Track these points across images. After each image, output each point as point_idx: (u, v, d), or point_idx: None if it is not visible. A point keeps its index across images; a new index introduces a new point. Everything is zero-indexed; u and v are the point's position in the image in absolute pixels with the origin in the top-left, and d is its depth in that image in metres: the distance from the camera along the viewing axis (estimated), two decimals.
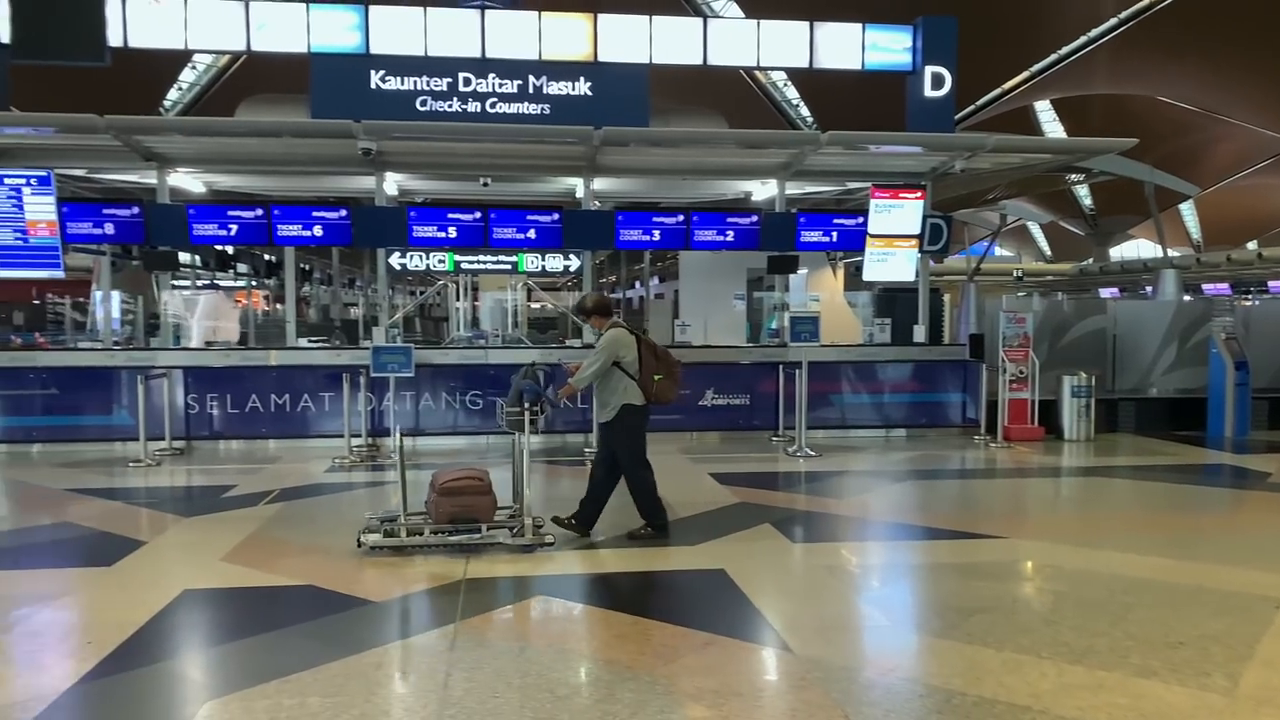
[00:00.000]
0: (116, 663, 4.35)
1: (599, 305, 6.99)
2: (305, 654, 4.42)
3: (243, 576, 5.74)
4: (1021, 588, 5.95)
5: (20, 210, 10.25)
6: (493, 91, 11.21)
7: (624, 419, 6.60)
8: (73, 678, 4.13)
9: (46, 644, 4.72)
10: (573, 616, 5.19)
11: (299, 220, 10.88)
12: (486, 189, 13.41)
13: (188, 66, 30.20)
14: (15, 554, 6.51)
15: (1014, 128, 29.85)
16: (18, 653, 4.56)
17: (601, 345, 6.61)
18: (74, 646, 4.60)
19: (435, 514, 6.23)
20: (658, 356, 6.69)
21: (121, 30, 10.50)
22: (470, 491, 6.28)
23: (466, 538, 6.23)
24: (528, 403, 6.40)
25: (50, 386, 10.73)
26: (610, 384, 6.59)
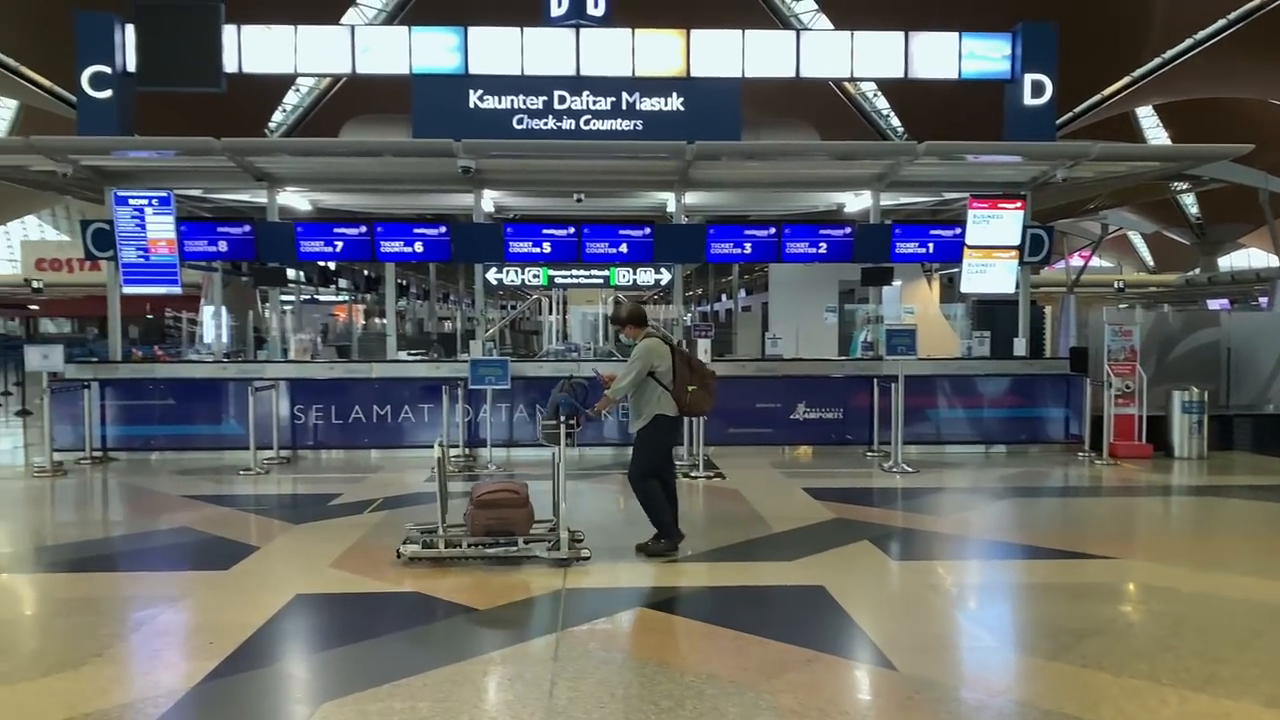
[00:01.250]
0: (237, 663, 4.53)
1: (634, 315, 6.91)
2: (414, 659, 4.54)
3: (351, 582, 5.92)
4: (1136, 610, 5.75)
5: (143, 229, 10.80)
6: (587, 108, 11.38)
7: (654, 428, 6.58)
8: (197, 676, 4.32)
9: (172, 643, 4.95)
10: (672, 629, 5.20)
11: (401, 237, 11.20)
12: (580, 204, 13.59)
13: (291, 89, 31.37)
14: (140, 557, 6.85)
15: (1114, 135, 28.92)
16: (146, 651, 4.79)
17: (636, 355, 6.58)
18: (197, 646, 4.80)
19: (472, 526, 6.31)
20: (692, 368, 6.64)
21: (236, 57, 11.02)
22: (506, 504, 6.33)
23: (503, 550, 6.26)
24: (563, 416, 6.40)
25: (167, 397, 11.23)
26: (645, 393, 6.57)
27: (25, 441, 13.35)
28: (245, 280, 14.71)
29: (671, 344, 6.72)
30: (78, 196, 13.33)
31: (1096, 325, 11.92)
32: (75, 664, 4.49)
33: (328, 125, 29.38)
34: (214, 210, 13.71)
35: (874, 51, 11.80)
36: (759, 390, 11.61)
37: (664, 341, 6.69)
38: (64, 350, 10.87)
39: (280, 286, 13.47)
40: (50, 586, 6.03)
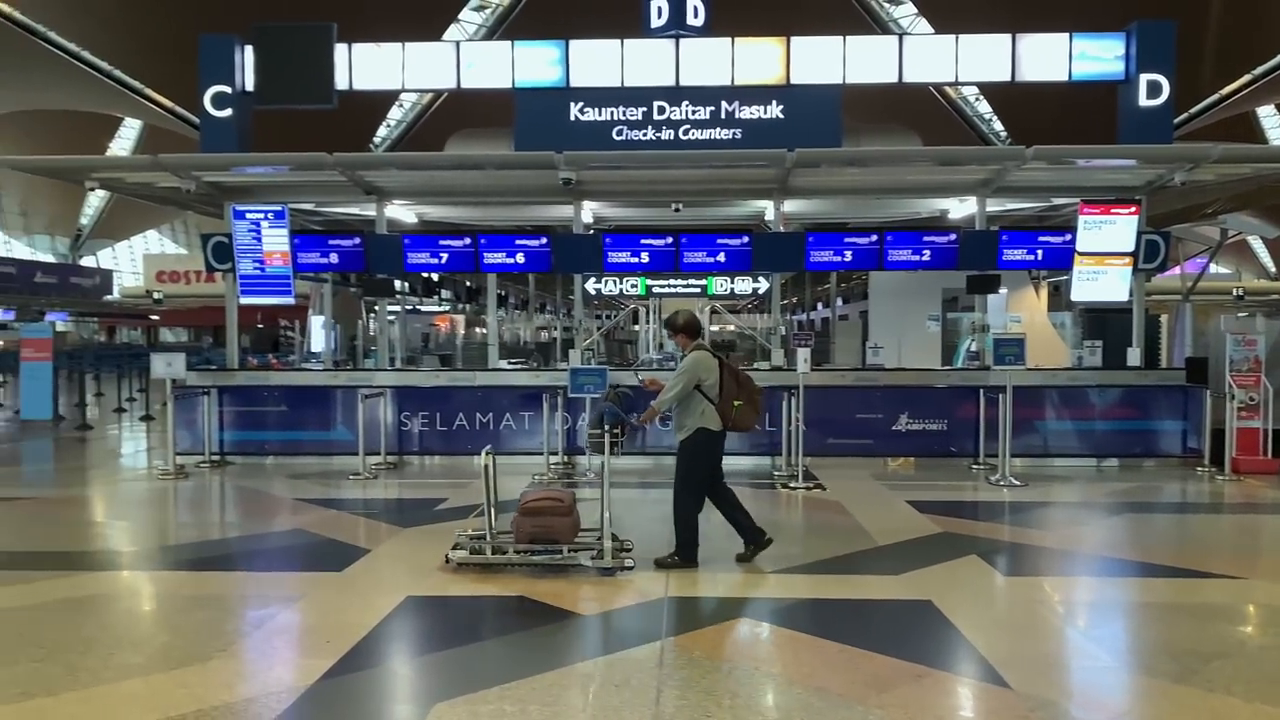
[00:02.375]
0: (352, 661, 4.67)
1: (689, 324, 6.79)
2: (523, 663, 4.61)
3: (459, 585, 6.04)
4: (1266, 633, 5.45)
5: (259, 242, 11.27)
6: (686, 119, 11.43)
7: (696, 442, 6.51)
8: (315, 674, 4.47)
9: (290, 641, 5.13)
10: (777, 641, 5.16)
11: (503, 248, 11.42)
12: (677, 214, 13.63)
13: (395, 105, 32.32)
14: (257, 557, 7.13)
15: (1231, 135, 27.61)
16: (267, 648, 4.98)
17: (684, 367, 6.54)
18: (315, 645, 4.97)
19: (517, 533, 6.36)
20: (739, 382, 6.55)
21: (347, 74, 11.43)
22: (550, 512, 6.35)
23: (548, 558, 6.29)
24: (608, 425, 6.36)
25: (280, 403, 11.67)
26: (689, 406, 6.50)
27: (148, 445, 14.04)
28: (354, 291, 15.19)
29: (720, 358, 6.66)
30: (199, 211, 13.98)
31: (1217, 334, 11.37)
32: (202, 658, 4.70)
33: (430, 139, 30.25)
34: (324, 223, 14.21)
35: (979, 54, 11.54)
36: (859, 400, 11.43)
37: (713, 355, 6.63)
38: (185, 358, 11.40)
39: (388, 297, 13.86)
40: (176, 584, 6.32)
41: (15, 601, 5.69)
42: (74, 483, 10.79)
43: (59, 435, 14.91)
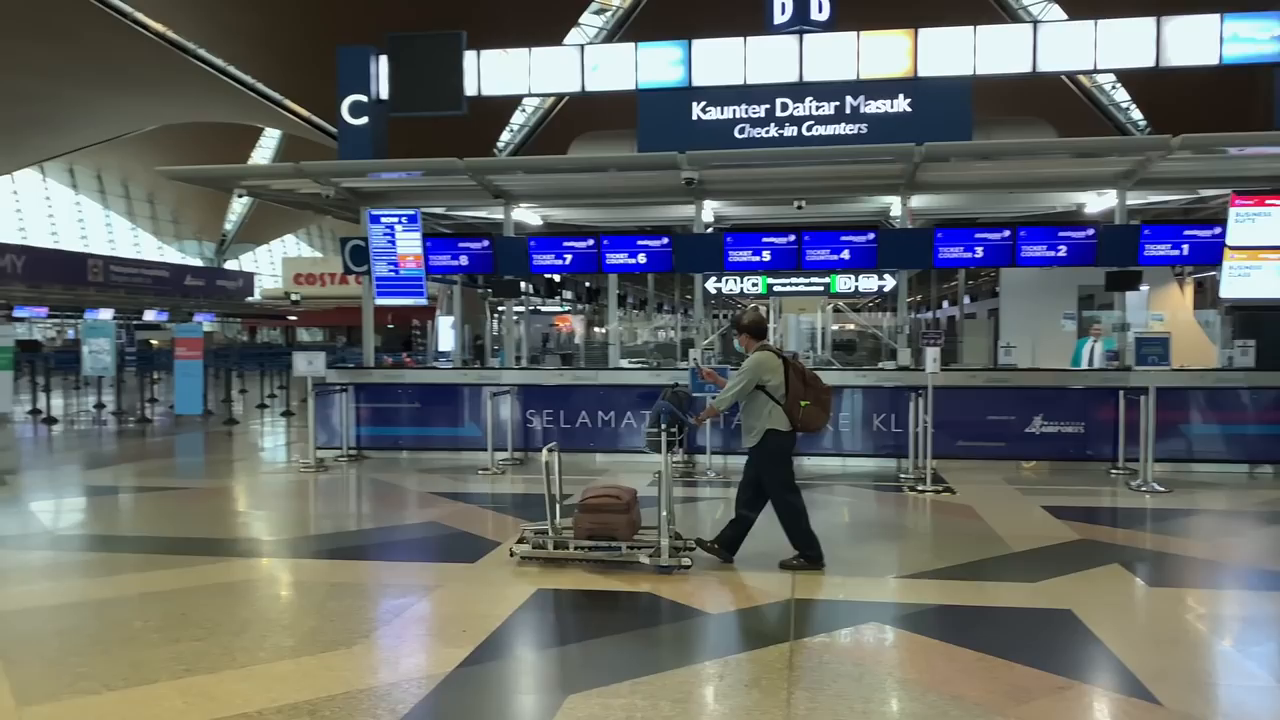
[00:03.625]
0: (487, 650, 4.81)
1: (754, 324, 6.72)
2: (653, 659, 4.66)
3: (586, 580, 6.13)
4: None
5: (393, 245, 11.70)
6: (809, 114, 11.30)
7: (768, 444, 6.39)
8: (453, 661, 4.61)
9: (429, 629, 5.32)
10: (910, 647, 5.05)
11: (625, 249, 11.52)
12: (800, 211, 13.48)
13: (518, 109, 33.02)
14: (395, 548, 7.41)
15: None
16: (407, 635, 5.18)
17: (745, 368, 6.44)
18: (451, 634, 5.13)
19: (576, 529, 6.42)
20: (806, 382, 6.41)
21: (476, 81, 11.75)
22: (608, 509, 6.38)
23: (607, 554, 6.31)
24: (664, 424, 6.33)
25: (413, 401, 12.08)
26: (755, 408, 6.40)
27: (288, 440, 14.76)
28: (481, 292, 15.59)
29: (785, 358, 6.55)
30: (337, 216, 14.61)
31: None
32: (347, 643, 4.92)
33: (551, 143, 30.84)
34: (453, 227, 14.65)
35: (1120, 40, 11.02)
36: (990, 401, 11.07)
37: (777, 355, 6.53)
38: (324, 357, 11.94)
39: (515, 297, 14.19)
40: (320, 572, 6.62)
41: (176, 584, 6.07)
42: (222, 474, 11.44)
43: (208, 429, 15.83)
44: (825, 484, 10.02)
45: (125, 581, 6.18)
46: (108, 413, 17.62)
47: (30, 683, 4.29)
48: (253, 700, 4.07)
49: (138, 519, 8.93)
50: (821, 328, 18.81)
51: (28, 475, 11.17)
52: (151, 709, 3.99)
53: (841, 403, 11.12)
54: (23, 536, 7.81)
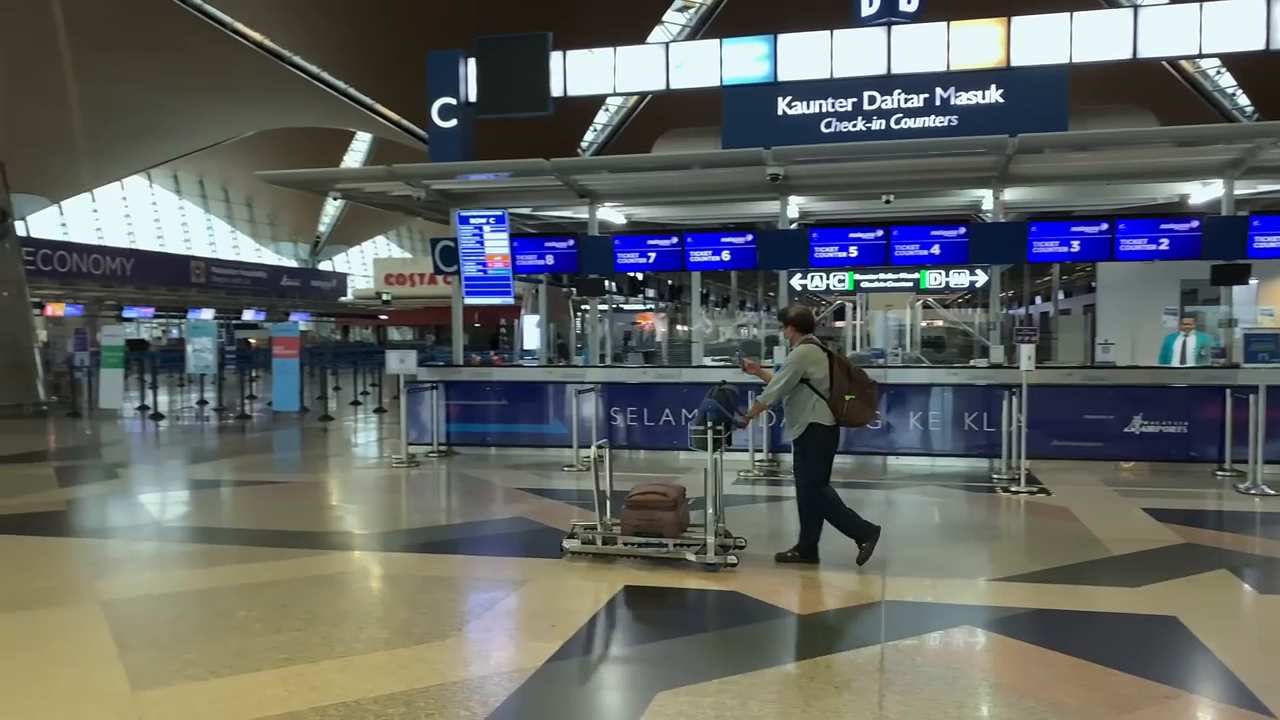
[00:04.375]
0: (576, 645, 4.86)
1: (800, 317, 6.69)
2: (741, 658, 4.64)
3: (673, 577, 6.12)
4: None
5: (481, 246, 11.89)
6: (898, 107, 11.11)
7: (811, 437, 6.35)
8: (543, 656, 4.66)
9: (519, 623, 5.39)
10: (1004, 651, 4.92)
11: (709, 246, 11.50)
12: (888, 206, 13.26)
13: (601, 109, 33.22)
14: (484, 542, 7.55)
15: None
16: (497, 629, 5.27)
17: (789, 361, 6.42)
18: (540, 628, 5.19)
19: (623, 525, 6.46)
20: (851, 376, 6.35)
21: (562, 81, 11.87)
22: (654, 506, 6.40)
23: (654, 550, 6.32)
24: (710, 421, 6.28)
25: (500, 398, 12.26)
26: (799, 401, 6.36)
27: (380, 436, 15.14)
28: (566, 291, 15.74)
29: (830, 351, 6.47)
30: (427, 218, 14.91)
31: None
32: (440, 636, 5.02)
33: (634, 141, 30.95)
34: (539, 226, 14.82)
35: (1227, 22, 10.54)
36: (1087, 400, 10.71)
37: (822, 349, 6.45)
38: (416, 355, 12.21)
39: (599, 296, 14.28)
40: (412, 565, 6.77)
41: (276, 575, 6.29)
42: (318, 469, 11.81)
43: (305, 425, 16.33)
44: (915, 484, 9.85)
45: (228, 572, 6.42)
46: (210, 409, 18.33)
47: (143, 668, 4.49)
48: (350, 690, 4.18)
49: (238, 512, 9.27)
50: (910, 324, 18.43)
51: (137, 469, 11.70)
52: (255, 696, 4.13)
53: (930, 401, 10.91)
54: (133, 528, 8.19)
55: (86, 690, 4.26)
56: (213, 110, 36.94)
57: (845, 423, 6.38)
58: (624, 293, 18.85)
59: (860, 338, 19.39)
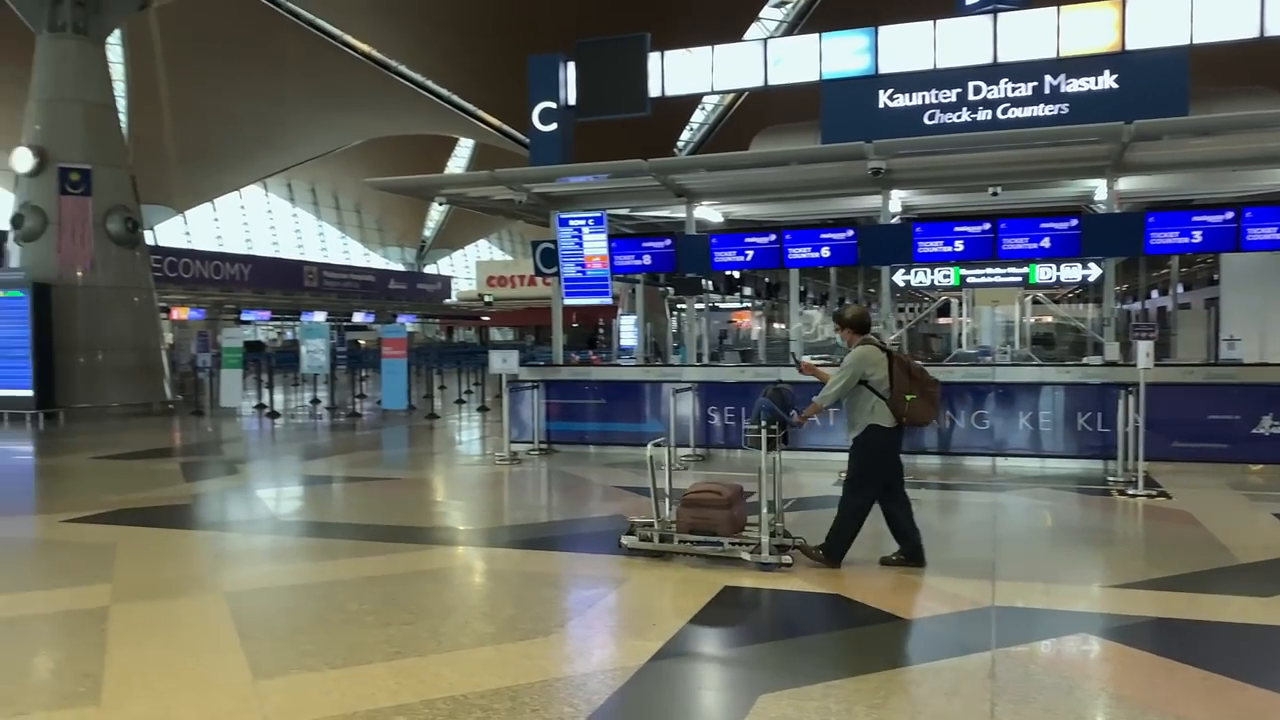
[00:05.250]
0: (678, 645, 4.85)
1: (857, 319, 6.55)
2: (846, 661, 4.58)
3: (775, 579, 6.07)
4: None
5: (580, 247, 12.02)
6: (1004, 97, 10.78)
7: (868, 440, 6.22)
8: (644, 655, 4.67)
9: (620, 622, 5.42)
10: (1123, 661, 4.71)
11: (808, 243, 11.36)
12: (995, 198, 12.89)
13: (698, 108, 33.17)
14: (585, 540, 7.62)
15: None
16: (600, 627, 5.30)
17: (846, 363, 6.30)
18: (641, 627, 5.21)
19: (678, 523, 6.50)
20: (911, 375, 6.20)
21: (659, 81, 11.90)
22: (708, 504, 6.42)
23: (710, 549, 6.35)
24: (764, 421, 6.22)
25: (599, 397, 12.36)
26: (858, 403, 6.25)
27: (483, 434, 15.44)
28: (662, 290, 15.78)
29: (889, 352, 6.31)
30: (528, 220, 15.15)
31: None
32: (544, 632, 5.09)
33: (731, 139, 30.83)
34: (635, 227, 14.89)
35: None
36: (1210, 400, 10.17)
37: (881, 349, 6.29)
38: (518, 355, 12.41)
39: (697, 295, 14.27)
40: (515, 561, 6.89)
41: (385, 570, 6.47)
42: (425, 466, 12.12)
43: (412, 424, 16.78)
44: (1025, 486, 9.53)
45: (340, 566, 6.64)
46: (322, 407, 19.00)
47: (263, 657, 4.67)
48: (458, 685, 4.27)
49: (349, 507, 9.58)
50: (1019, 320, 17.82)
51: (254, 465, 12.21)
52: (368, 688, 4.26)
53: (1040, 400, 10.55)
54: (250, 521, 8.55)
55: (211, 677, 4.46)
56: (324, 120, 38.37)
57: (908, 423, 6.27)
58: (720, 291, 18.75)
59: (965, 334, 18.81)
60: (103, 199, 18.21)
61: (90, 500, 9.13)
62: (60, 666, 4.68)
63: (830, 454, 11.00)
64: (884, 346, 6.43)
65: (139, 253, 19.67)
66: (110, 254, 18.47)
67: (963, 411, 10.93)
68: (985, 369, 11.93)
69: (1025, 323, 19.28)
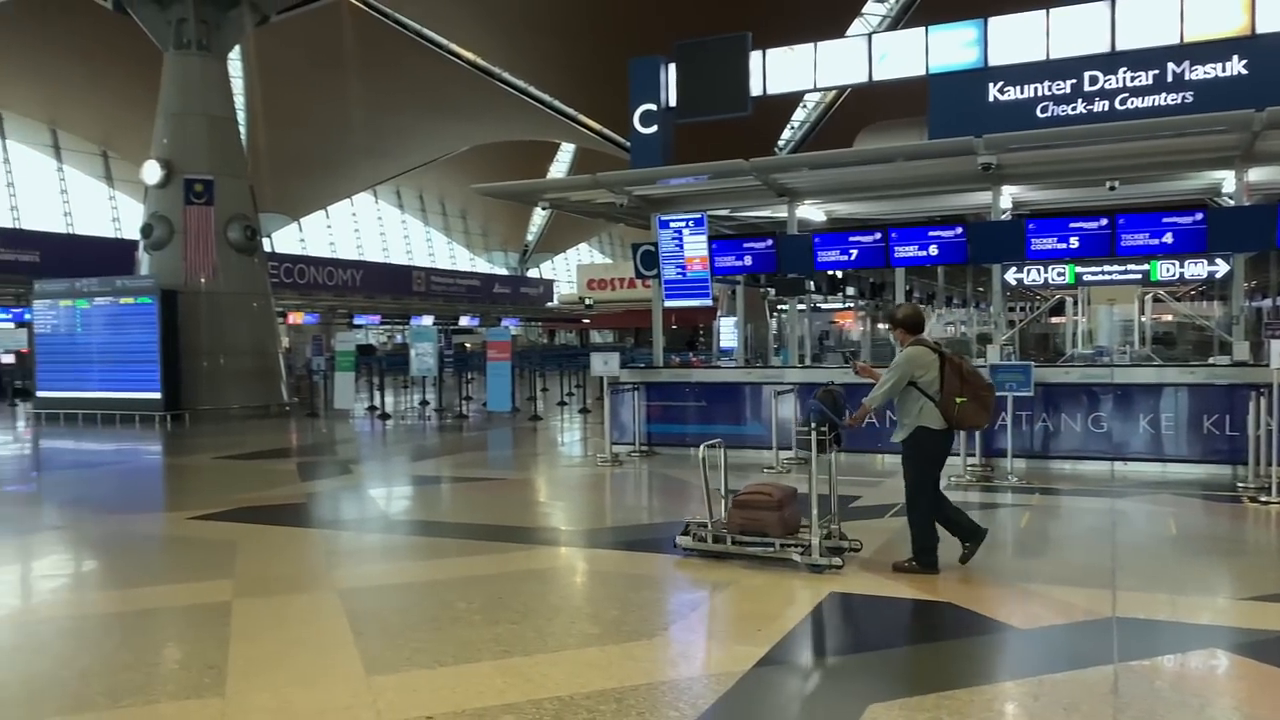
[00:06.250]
0: (783, 651, 4.79)
1: (910, 318, 6.44)
2: (959, 672, 4.45)
3: (879, 586, 5.95)
4: None
5: (680, 249, 12.01)
6: (1123, 87, 10.33)
7: (917, 442, 6.15)
8: (750, 660, 4.62)
9: (724, 626, 5.40)
10: (1260, 678, 4.43)
11: (915, 241, 11.09)
12: (1112, 193, 12.35)
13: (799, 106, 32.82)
14: None
15: None
16: (704, 630, 5.29)
17: (896, 363, 6.25)
18: (746, 632, 5.16)
19: (729, 524, 6.57)
20: (963, 378, 6.06)
21: (761, 80, 11.81)
22: (759, 506, 6.45)
23: (761, 550, 6.38)
24: (814, 423, 6.20)
25: (699, 399, 12.33)
26: (907, 404, 6.20)
27: (584, 435, 15.59)
28: (762, 291, 15.65)
29: (942, 353, 6.13)
30: (628, 224, 15.23)
31: None
32: (648, 635, 5.10)
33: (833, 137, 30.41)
34: (735, 227, 14.81)
35: None
36: None
37: (933, 350, 6.12)
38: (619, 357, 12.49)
39: (799, 296, 14.11)
40: (618, 563, 6.92)
41: (491, 570, 6.59)
42: (529, 467, 12.31)
43: (516, 425, 17.07)
44: (1146, 492, 9.11)
45: (448, 565, 6.79)
46: (431, 409, 19.49)
47: (375, 654, 4.81)
48: (564, 685, 4.31)
49: (456, 506, 9.81)
50: (1138, 319, 17.04)
51: (366, 465, 12.61)
52: (477, 686, 4.33)
53: (1161, 403, 10.07)
54: (362, 520, 8.83)
55: (326, 672, 4.61)
56: (431, 128, 39.38)
57: (956, 426, 6.18)
58: (822, 291, 18.48)
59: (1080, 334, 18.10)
60: (224, 208, 19.09)
61: (213, 499, 9.58)
62: (187, 658, 4.91)
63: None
64: (936, 348, 6.33)
65: (257, 259, 20.55)
66: (231, 261, 19.34)
67: (1078, 414, 10.52)
68: (1102, 370, 11.45)
69: (1145, 321, 18.45)
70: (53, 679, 4.60)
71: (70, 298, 18.88)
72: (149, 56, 20.67)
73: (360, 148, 38.71)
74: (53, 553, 7.72)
